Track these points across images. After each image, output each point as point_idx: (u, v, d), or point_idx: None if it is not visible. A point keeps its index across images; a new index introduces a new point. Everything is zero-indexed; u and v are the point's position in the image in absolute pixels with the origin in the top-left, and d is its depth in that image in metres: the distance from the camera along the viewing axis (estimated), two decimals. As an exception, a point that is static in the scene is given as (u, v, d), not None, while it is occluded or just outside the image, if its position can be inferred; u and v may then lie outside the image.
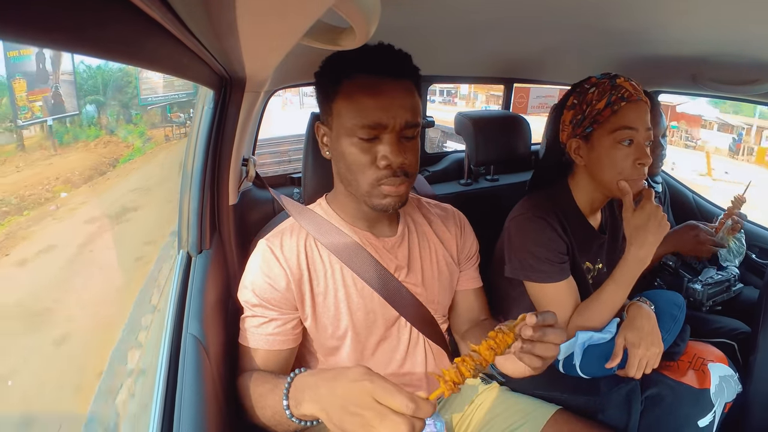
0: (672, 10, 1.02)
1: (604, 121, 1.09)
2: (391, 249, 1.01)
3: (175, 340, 0.86)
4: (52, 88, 3.94)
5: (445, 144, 6.19)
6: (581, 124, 1.13)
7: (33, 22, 0.30)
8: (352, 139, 0.87)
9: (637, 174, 1.09)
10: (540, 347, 0.72)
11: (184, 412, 0.72)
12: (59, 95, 3.99)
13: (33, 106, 3.63)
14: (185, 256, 1.08)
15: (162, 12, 0.44)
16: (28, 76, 3.54)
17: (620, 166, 1.09)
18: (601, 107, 1.09)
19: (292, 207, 1.03)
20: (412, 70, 0.91)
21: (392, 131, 0.86)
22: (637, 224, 1.07)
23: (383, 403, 0.60)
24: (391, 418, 0.59)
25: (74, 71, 4.18)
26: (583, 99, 1.13)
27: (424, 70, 0.94)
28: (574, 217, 1.20)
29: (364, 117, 0.85)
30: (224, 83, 1.00)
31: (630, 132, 1.07)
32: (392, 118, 0.85)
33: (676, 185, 2.22)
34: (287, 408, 0.75)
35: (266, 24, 0.55)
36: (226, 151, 1.11)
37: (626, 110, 1.07)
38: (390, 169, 0.87)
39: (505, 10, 1.08)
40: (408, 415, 0.59)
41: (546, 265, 1.13)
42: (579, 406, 1.13)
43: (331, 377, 0.69)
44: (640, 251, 1.07)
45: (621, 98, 1.07)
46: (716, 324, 1.49)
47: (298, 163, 1.38)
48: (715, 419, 1.08)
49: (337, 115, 0.89)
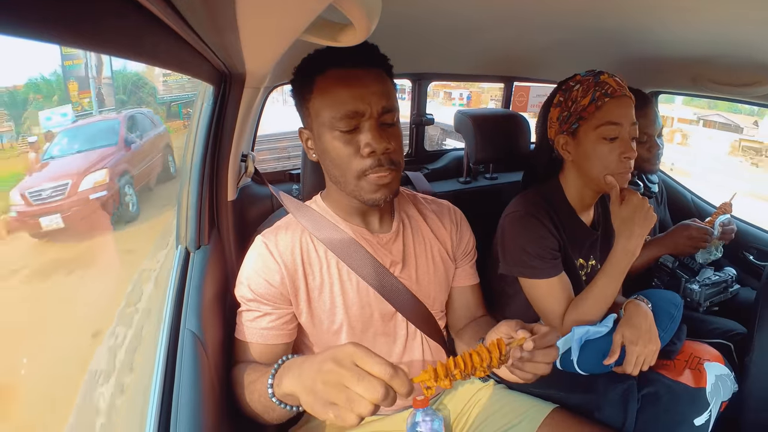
0: (672, 11, 1.02)
1: (589, 116, 1.12)
2: (385, 244, 1.02)
3: (173, 335, 0.86)
4: (96, 89, 5.08)
5: (444, 142, 6.19)
6: (567, 121, 1.16)
7: (34, 17, 0.30)
8: (333, 133, 0.88)
9: (623, 168, 1.11)
10: (530, 366, 0.74)
11: (182, 408, 0.72)
12: (101, 95, 5.18)
13: (83, 102, 4.78)
14: (183, 252, 1.07)
15: (162, 7, 0.44)
16: (79, 80, 4.65)
17: (606, 160, 1.11)
18: (586, 103, 1.12)
19: (290, 203, 1.04)
20: (381, 58, 0.93)
21: (371, 118, 0.87)
22: (624, 216, 1.10)
23: (362, 366, 0.61)
24: (368, 379, 0.59)
25: (112, 76, 5.42)
26: (569, 96, 1.16)
27: (423, 68, 0.94)
28: (565, 213, 1.22)
29: (341, 107, 0.86)
30: (224, 79, 1.00)
31: (614, 127, 1.10)
32: (368, 104, 0.86)
33: (673, 185, 2.23)
34: (270, 387, 0.76)
35: (266, 20, 0.55)
36: (226, 147, 1.11)
37: (610, 105, 1.10)
38: (374, 156, 0.88)
39: (505, 8, 1.09)
40: (385, 380, 0.59)
41: (538, 262, 1.14)
42: (576, 404, 1.13)
43: (319, 354, 0.69)
44: (628, 243, 1.09)
45: (604, 94, 1.10)
46: (713, 324, 1.50)
47: (297, 160, 1.38)
48: (711, 418, 1.08)
49: (315, 114, 0.90)
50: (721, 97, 1.94)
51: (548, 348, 0.74)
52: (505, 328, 0.77)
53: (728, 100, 2.01)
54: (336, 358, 0.63)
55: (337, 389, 0.61)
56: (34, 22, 0.30)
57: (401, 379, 0.60)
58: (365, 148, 0.87)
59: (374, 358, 0.61)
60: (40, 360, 2.30)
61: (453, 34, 1.35)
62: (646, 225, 1.09)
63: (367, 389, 0.58)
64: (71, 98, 4.80)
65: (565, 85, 1.18)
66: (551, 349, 0.75)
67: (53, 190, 3.05)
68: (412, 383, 0.61)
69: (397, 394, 0.60)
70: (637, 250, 1.10)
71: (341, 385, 0.60)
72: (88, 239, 3.04)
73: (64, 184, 3.11)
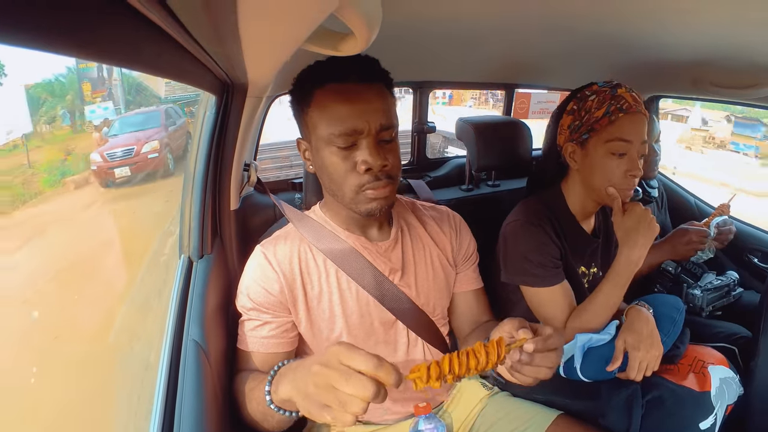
0: (673, 13, 1.02)
1: (601, 129, 1.11)
2: (384, 252, 1.02)
3: (176, 345, 0.86)
4: (108, 89, 5.85)
5: (446, 149, 6.19)
6: (578, 130, 1.15)
7: (37, 28, 0.30)
8: (331, 148, 0.88)
9: (626, 185, 1.12)
10: (529, 369, 0.73)
11: (185, 418, 0.72)
12: (112, 94, 5.95)
13: (96, 101, 5.54)
14: (186, 261, 1.08)
15: (164, 17, 0.44)
16: (92, 81, 5.35)
17: (611, 174, 1.12)
18: (599, 116, 1.11)
19: (291, 213, 1.05)
20: (382, 73, 0.92)
21: (369, 135, 0.87)
22: (628, 227, 1.10)
23: (348, 364, 0.60)
24: (355, 378, 0.59)
25: (121, 78, 6.13)
26: (583, 105, 1.14)
27: (424, 76, 0.94)
28: (567, 222, 1.22)
29: (339, 125, 0.86)
30: (226, 88, 1.01)
31: (624, 144, 1.09)
32: (367, 122, 0.86)
33: (675, 188, 2.22)
34: (268, 394, 0.76)
35: (268, 29, 0.56)
36: (228, 156, 1.12)
37: (623, 121, 1.09)
38: (371, 173, 0.88)
39: (506, 16, 1.09)
40: (370, 374, 0.59)
41: (540, 270, 1.14)
42: (580, 410, 1.12)
43: (309, 358, 0.69)
44: (632, 253, 1.09)
45: (619, 109, 1.09)
46: (716, 328, 1.49)
47: (299, 169, 1.38)
48: (716, 422, 1.07)
49: (313, 127, 0.90)
50: (721, 99, 1.94)
51: (550, 351, 0.72)
52: (508, 326, 0.75)
53: (729, 103, 2.01)
54: (323, 360, 0.63)
55: (327, 391, 0.61)
56: (36, 32, 0.31)
57: (386, 369, 0.59)
58: (362, 165, 0.87)
59: (358, 354, 0.60)
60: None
61: (454, 43, 1.36)
62: (649, 235, 1.09)
63: (356, 388, 0.58)
64: (84, 98, 5.52)
65: (581, 93, 1.17)
66: (553, 353, 0.73)
67: (123, 152, 4.94)
68: (399, 372, 0.61)
69: (387, 390, 0.60)
70: (640, 260, 1.10)
71: (330, 386, 0.60)
72: (146, 184, 4.94)
73: (131, 148, 4.96)
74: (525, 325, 0.74)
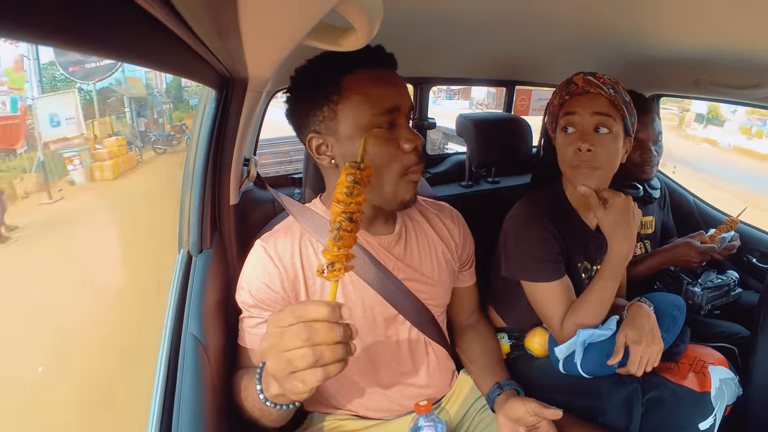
0: (675, 12, 1.01)
1: (559, 117, 1.14)
2: (388, 247, 1.02)
3: (175, 339, 0.86)
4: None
5: (446, 146, 6.18)
6: (551, 123, 1.19)
7: (38, 22, 0.30)
8: (372, 131, 0.87)
9: (578, 160, 1.09)
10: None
11: (183, 412, 0.72)
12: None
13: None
14: (185, 256, 1.07)
15: (165, 12, 0.44)
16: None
17: (563, 153, 1.12)
18: (556, 104, 1.14)
19: (293, 206, 1.04)
20: (396, 62, 0.95)
21: (404, 116, 0.90)
22: (611, 220, 1.07)
23: (304, 318, 0.61)
24: (314, 327, 0.60)
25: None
26: (550, 100, 1.18)
27: (425, 72, 0.94)
28: (569, 217, 1.21)
29: (382, 103, 0.87)
30: (226, 83, 1.00)
31: (568, 117, 1.11)
32: (404, 101, 0.89)
33: (676, 189, 2.21)
34: (261, 392, 0.75)
35: (269, 24, 0.56)
36: (228, 151, 1.11)
37: (569, 102, 1.11)
38: (416, 152, 0.90)
39: (506, 12, 1.09)
40: (325, 318, 0.61)
41: (540, 264, 1.14)
42: (580, 409, 1.13)
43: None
44: (621, 246, 1.07)
45: (568, 93, 1.11)
46: (716, 328, 1.49)
47: (299, 164, 1.38)
48: (715, 422, 1.07)
49: (344, 117, 0.88)
50: (722, 99, 1.93)
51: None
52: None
53: (730, 103, 2.00)
54: (268, 333, 0.64)
55: (288, 355, 0.61)
56: (39, 27, 0.30)
57: (336, 306, 0.62)
58: (406, 144, 0.88)
59: (307, 304, 0.62)
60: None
61: (455, 39, 1.35)
62: (634, 224, 1.07)
63: (325, 335, 0.60)
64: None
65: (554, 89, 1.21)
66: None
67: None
68: (339, 304, 0.63)
69: (349, 310, 0.64)
70: (630, 250, 1.08)
71: (286, 350, 0.61)
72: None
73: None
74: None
